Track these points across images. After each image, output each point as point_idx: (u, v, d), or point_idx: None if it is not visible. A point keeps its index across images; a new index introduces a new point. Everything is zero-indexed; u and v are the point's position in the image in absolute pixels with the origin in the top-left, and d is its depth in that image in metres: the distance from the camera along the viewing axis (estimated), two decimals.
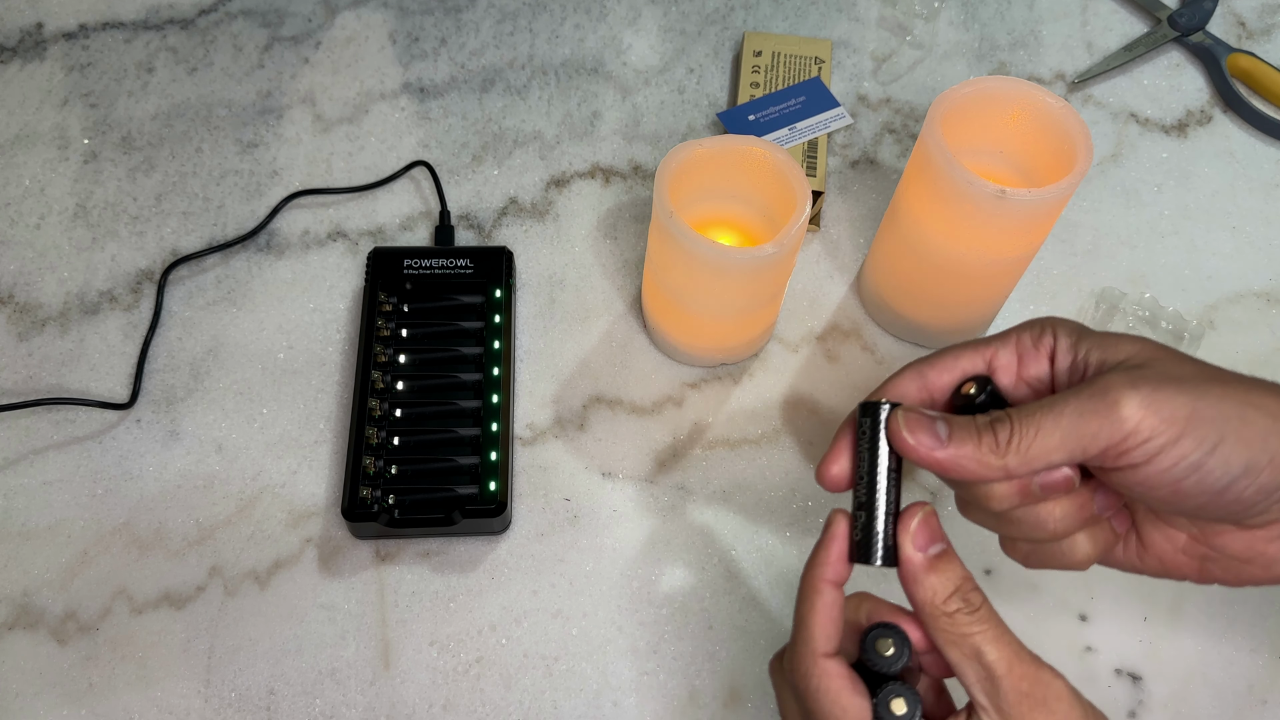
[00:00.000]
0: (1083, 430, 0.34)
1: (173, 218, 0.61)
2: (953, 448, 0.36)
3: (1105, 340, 0.37)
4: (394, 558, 0.51)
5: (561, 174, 0.64)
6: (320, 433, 0.55)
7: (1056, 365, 0.38)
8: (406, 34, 0.69)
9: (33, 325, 0.58)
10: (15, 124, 0.64)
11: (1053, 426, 0.35)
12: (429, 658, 0.49)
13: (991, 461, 0.35)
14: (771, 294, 0.53)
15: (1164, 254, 0.62)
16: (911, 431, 0.36)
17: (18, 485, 0.53)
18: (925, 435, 0.36)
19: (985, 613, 0.35)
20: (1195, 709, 0.49)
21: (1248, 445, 0.34)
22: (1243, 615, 0.51)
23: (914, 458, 0.36)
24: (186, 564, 0.51)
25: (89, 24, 0.69)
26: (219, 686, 0.48)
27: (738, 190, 0.53)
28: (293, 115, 0.65)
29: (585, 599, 0.51)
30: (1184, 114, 0.68)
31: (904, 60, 0.69)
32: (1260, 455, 0.34)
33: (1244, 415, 0.34)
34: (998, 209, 0.47)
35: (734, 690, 0.49)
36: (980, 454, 0.35)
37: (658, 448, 0.55)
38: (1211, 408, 0.34)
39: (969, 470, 0.36)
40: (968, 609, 0.35)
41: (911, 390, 0.39)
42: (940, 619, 0.35)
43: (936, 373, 0.39)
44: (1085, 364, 0.37)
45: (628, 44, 0.69)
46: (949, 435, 0.36)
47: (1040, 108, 0.49)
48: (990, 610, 0.35)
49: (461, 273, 0.57)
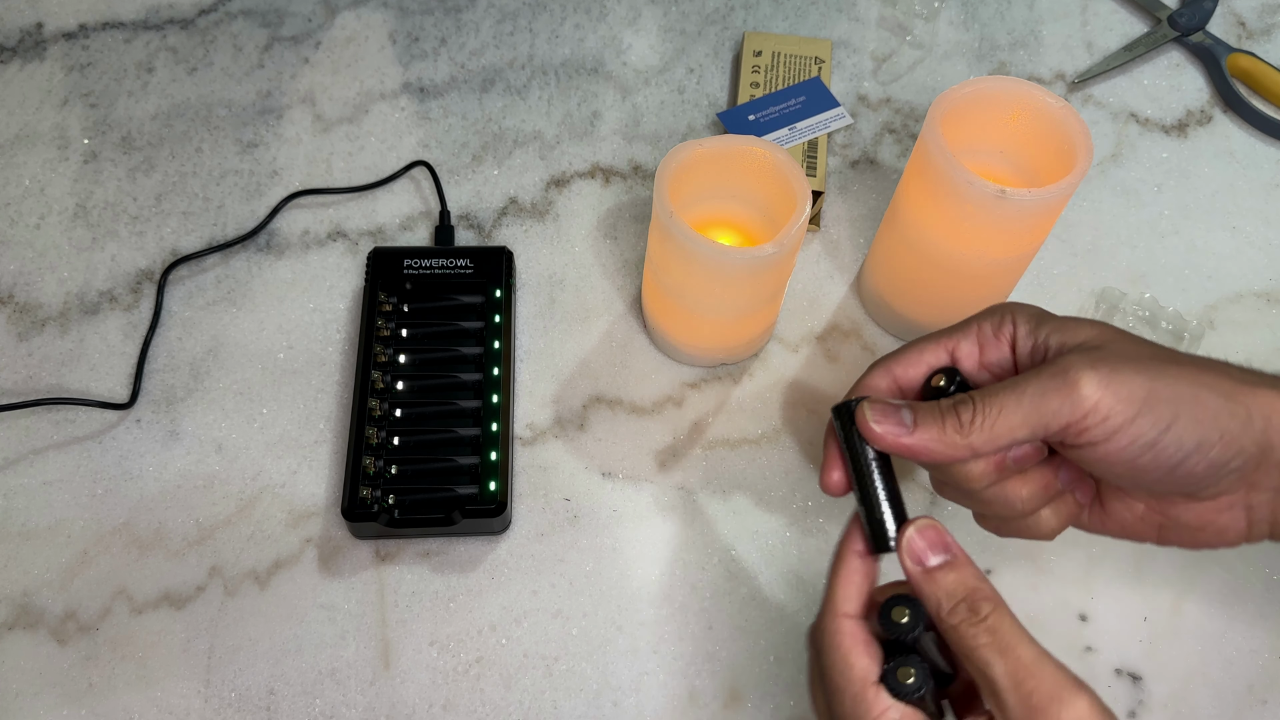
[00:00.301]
0: (1044, 408, 0.36)
1: (173, 218, 0.61)
2: (919, 432, 0.37)
3: (1064, 324, 0.38)
4: (394, 558, 0.51)
5: (561, 174, 0.64)
6: (320, 433, 0.55)
7: (1018, 351, 0.39)
8: (406, 34, 0.69)
9: (33, 325, 0.58)
10: (15, 124, 0.64)
11: (1015, 405, 0.36)
12: (429, 658, 0.49)
13: (957, 441, 0.37)
14: (771, 294, 0.53)
15: (1164, 254, 0.62)
16: (878, 421, 0.38)
17: (18, 485, 0.53)
18: (891, 424, 0.37)
19: (994, 622, 0.35)
20: (1195, 709, 0.49)
21: (1200, 424, 0.36)
22: (1243, 615, 0.51)
23: (884, 446, 0.38)
24: (186, 564, 0.51)
25: (89, 24, 0.69)
26: (219, 686, 0.48)
27: (738, 190, 0.53)
28: (293, 115, 0.65)
29: (585, 599, 0.51)
30: (1184, 114, 0.68)
31: (904, 60, 0.69)
32: (1211, 433, 0.36)
33: (1197, 395, 0.36)
34: (998, 209, 0.47)
35: (734, 690, 0.49)
36: (946, 435, 0.37)
37: (658, 448, 0.55)
38: (1167, 388, 0.36)
39: (937, 452, 0.37)
40: (973, 619, 0.35)
41: (882, 386, 0.41)
42: (947, 629, 0.35)
43: (903, 368, 0.40)
44: (1045, 347, 0.38)
45: (628, 44, 0.69)
46: (914, 420, 0.37)
47: (1040, 108, 0.49)
48: (1001, 619, 0.35)
49: (461, 273, 0.57)
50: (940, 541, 0.37)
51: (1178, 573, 0.52)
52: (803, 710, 0.48)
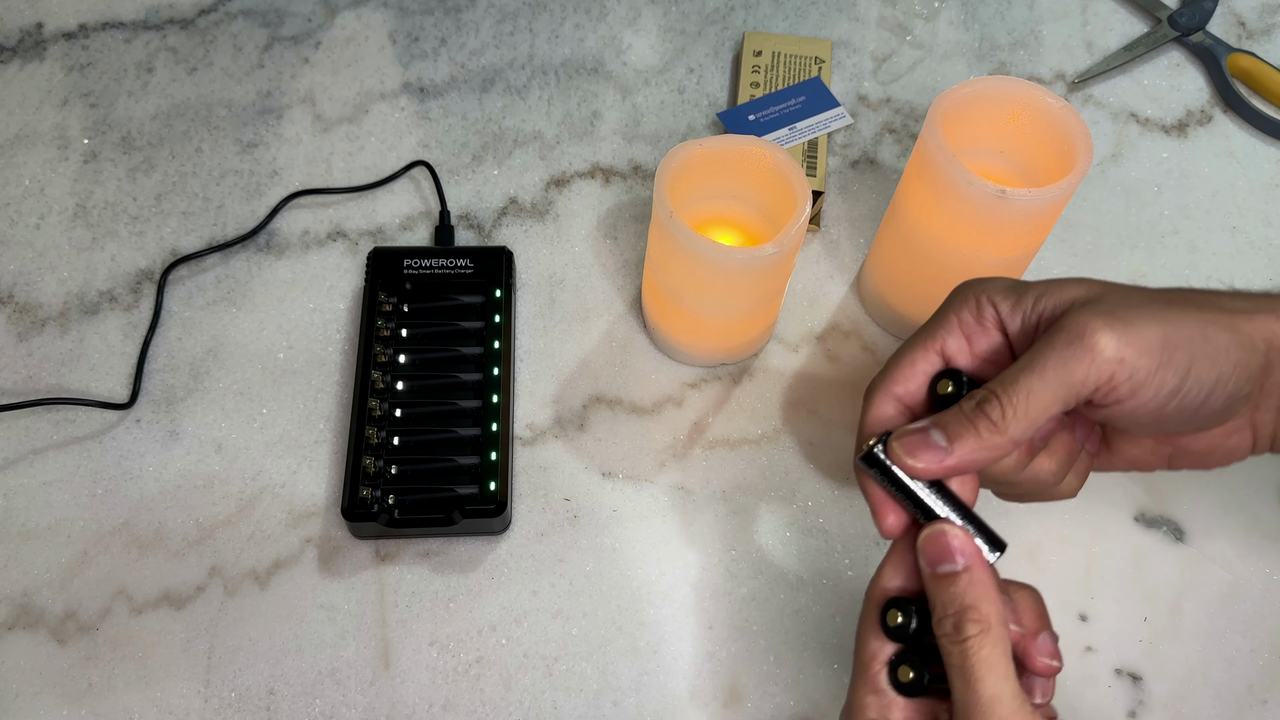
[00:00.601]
0: (1070, 378, 0.35)
1: (173, 218, 0.61)
2: (957, 447, 0.36)
3: (1048, 288, 0.37)
4: (394, 558, 0.51)
5: (561, 174, 0.64)
6: (320, 433, 0.55)
7: (1009, 330, 0.38)
8: (406, 34, 0.69)
9: (33, 325, 0.58)
10: (15, 124, 0.64)
11: (1040, 384, 0.35)
12: (429, 658, 0.49)
13: (997, 441, 0.35)
14: (771, 294, 0.53)
15: (1164, 254, 0.62)
16: (914, 455, 0.36)
17: (18, 485, 0.53)
18: (928, 452, 0.36)
19: (972, 646, 0.34)
20: (1195, 709, 0.49)
21: (1214, 361, 0.36)
22: (1243, 615, 0.51)
23: (930, 475, 0.37)
24: (186, 564, 0.51)
25: (89, 24, 0.69)
26: (219, 686, 0.48)
27: (738, 190, 0.53)
28: (293, 115, 0.65)
29: (585, 599, 0.51)
30: (1184, 114, 0.68)
31: (904, 60, 0.69)
32: (1225, 367, 0.36)
33: (1205, 333, 0.36)
34: (998, 209, 0.47)
35: (734, 690, 0.49)
36: (984, 439, 0.35)
37: (658, 448, 0.55)
38: (1178, 332, 0.35)
39: (983, 459, 0.36)
40: (955, 636, 0.34)
41: (889, 413, 0.39)
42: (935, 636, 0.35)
43: (902, 385, 0.39)
44: (1039, 316, 0.37)
45: (628, 44, 0.69)
46: (948, 438, 0.36)
47: (1040, 108, 0.49)
48: (981, 645, 0.34)
49: (461, 273, 0.57)
50: (947, 550, 0.36)
51: (1178, 573, 0.52)
52: (803, 710, 0.48)
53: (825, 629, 0.50)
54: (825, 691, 0.49)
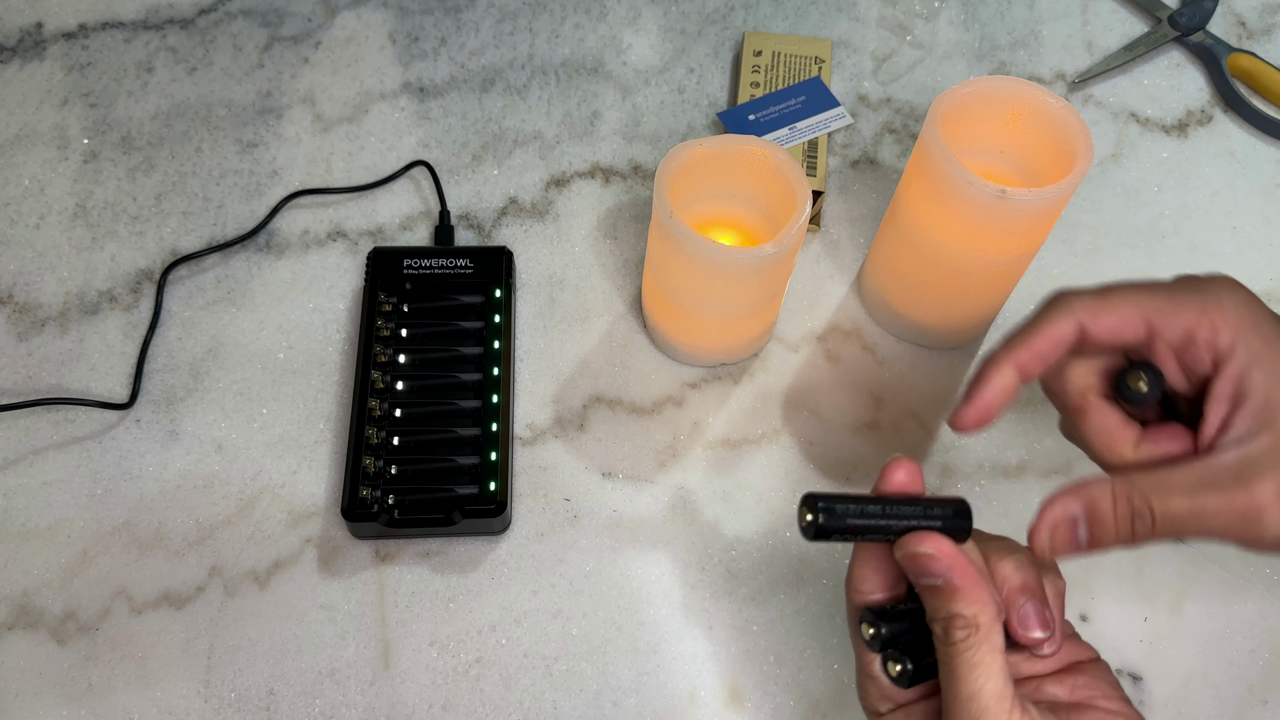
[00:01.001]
0: (1212, 523, 0.35)
1: (172, 218, 0.61)
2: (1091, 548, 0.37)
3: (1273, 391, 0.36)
4: (394, 558, 0.51)
5: (561, 174, 0.64)
6: (320, 433, 0.55)
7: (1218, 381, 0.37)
8: (406, 34, 0.69)
9: (32, 325, 0.58)
10: (15, 124, 0.64)
11: (1187, 515, 0.36)
12: (429, 658, 0.49)
13: (1123, 543, 0.37)
14: (771, 294, 0.53)
15: (1164, 254, 0.62)
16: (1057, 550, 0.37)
17: (18, 485, 0.53)
18: (1068, 548, 0.37)
19: (957, 650, 0.34)
20: (1195, 709, 0.49)
21: None
22: (1243, 615, 0.51)
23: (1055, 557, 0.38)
24: (186, 564, 0.51)
25: (89, 24, 0.69)
26: (219, 686, 0.48)
27: (738, 190, 0.53)
28: (292, 115, 0.65)
29: (585, 599, 0.51)
30: (1184, 114, 0.67)
31: (904, 60, 0.69)
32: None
33: None
34: (998, 209, 0.47)
35: (734, 690, 0.49)
36: (1117, 542, 0.37)
37: (658, 448, 0.55)
38: None
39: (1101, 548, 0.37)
40: (944, 640, 0.34)
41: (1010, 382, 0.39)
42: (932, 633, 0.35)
43: (1105, 316, 0.38)
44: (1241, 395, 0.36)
45: (628, 44, 0.69)
46: (1089, 539, 0.37)
47: (1040, 108, 0.49)
48: (967, 649, 0.34)
49: (461, 273, 0.57)
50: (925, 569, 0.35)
51: (1178, 573, 0.52)
52: (803, 710, 0.48)
53: (825, 629, 0.50)
54: (825, 691, 0.49)
